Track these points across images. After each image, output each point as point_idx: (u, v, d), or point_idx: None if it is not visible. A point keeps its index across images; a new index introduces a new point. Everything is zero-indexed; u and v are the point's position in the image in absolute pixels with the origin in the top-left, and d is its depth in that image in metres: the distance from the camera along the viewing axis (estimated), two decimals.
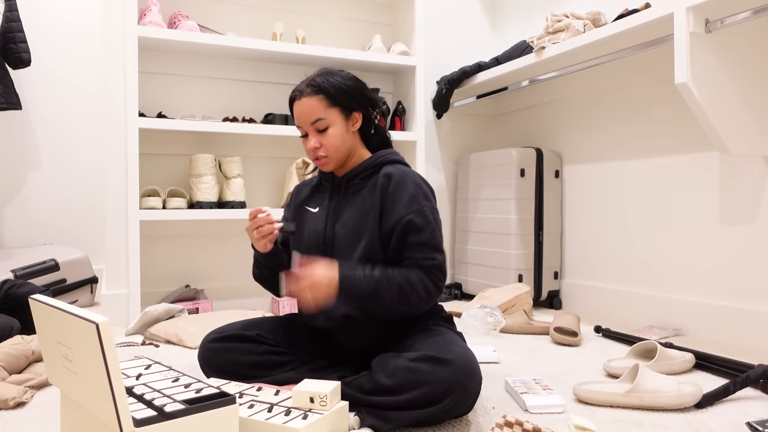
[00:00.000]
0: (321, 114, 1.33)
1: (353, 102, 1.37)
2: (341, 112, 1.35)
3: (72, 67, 3.14)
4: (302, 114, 1.35)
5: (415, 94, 2.77)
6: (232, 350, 1.34)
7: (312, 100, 1.33)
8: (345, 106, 1.35)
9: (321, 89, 1.33)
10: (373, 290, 1.23)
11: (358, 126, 1.40)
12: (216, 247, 2.67)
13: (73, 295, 2.75)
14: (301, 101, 1.35)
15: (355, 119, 1.39)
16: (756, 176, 1.93)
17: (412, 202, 1.29)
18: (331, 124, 1.34)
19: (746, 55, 1.83)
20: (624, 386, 1.39)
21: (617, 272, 2.46)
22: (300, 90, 1.36)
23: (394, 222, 1.29)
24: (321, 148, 1.35)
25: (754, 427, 1.17)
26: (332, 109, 1.34)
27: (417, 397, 1.11)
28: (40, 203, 3.07)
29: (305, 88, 1.35)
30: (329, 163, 1.38)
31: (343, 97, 1.35)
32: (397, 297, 1.24)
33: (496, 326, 2.12)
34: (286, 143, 2.79)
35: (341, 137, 1.35)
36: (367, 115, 1.41)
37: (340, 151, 1.36)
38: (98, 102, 3.19)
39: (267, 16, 2.77)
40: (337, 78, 1.36)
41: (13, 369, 1.53)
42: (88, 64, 3.17)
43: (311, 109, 1.33)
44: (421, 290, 1.25)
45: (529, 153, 2.68)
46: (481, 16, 3.25)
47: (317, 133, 1.35)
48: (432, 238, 1.28)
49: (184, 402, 0.88)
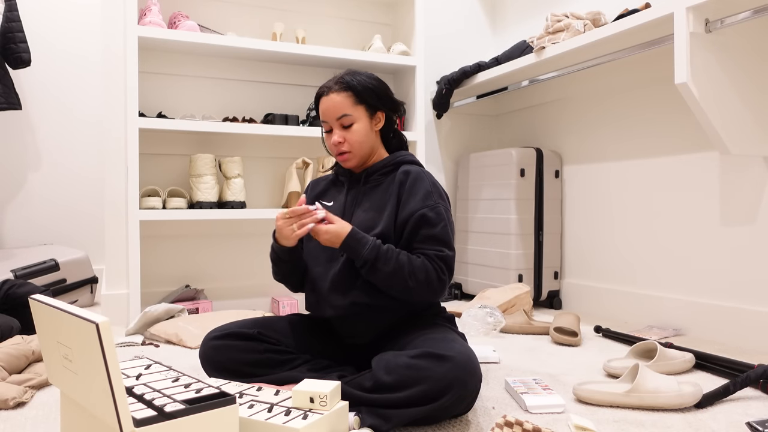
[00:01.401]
0: (348, 110, 1.39)
1: (378, 101, 1.43)
2: (366, 110, 1.41)
3: (72, 67, 3.14)
4: (329, 109, 1.40)
5: (415, 94, 2.77)
6: (233, 348, 1.35)
7: (340, 96, 1.39)
8: (370, 104, 1.42)
9: (349, 86, 1.40)
10: (374, 257, 1.28)
11: (380, 125, 1.46)
12: (216, 247, 2.67)
13: (73, 295, 2.75)
14: (328, 97, 1.40)
15: (379, 119, 1.45)
16: (756, 176, 1.93)
17: (427, 197, 1.35)
18: (356, 121, 1.40)
19: (746, 55, 1.83)
20: (624, 386, 1.39)
21: (617, 272, 2.46)
22: (328, 86, 1.42)
23: (408, 214, 1.34)
24: (344, 143, 1.41)
25: (754, 427, 1.17)
26: (358, 106, 1.40)
27: (417, 393, 1.12)
28: (40, 203, 3.07)
29: (333, 84, 1.41)
30: (351, 159, 1.43)
31: (370, 96, 1.41)
32: (395, 272, 1.28)
33: (496, 326, 2.12)
34: (286, 143, 2.79)
35: (365, 134, 1.41)
36: (389, 116, 1.47)
37: (362, 148, 1.42)
38: (98, 102, 3.19)
39: (267, 16, 2.77)
40: (364, 77, 1.42)
41: (13, 369, 1.53)
42: (88, 64, 3.17)
43: (338, 105, 1.39)
44: (421, 275, 1.29)
45: (529, 153, 2.68)
46: (481, 16, 3.25)
47: (342, 129, 1.41)
48: (443, 234, 1.33)
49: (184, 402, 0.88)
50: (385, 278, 1.30)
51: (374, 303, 1.36)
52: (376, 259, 1.29)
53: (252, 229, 2.73)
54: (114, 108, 2.35)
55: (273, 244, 1.41)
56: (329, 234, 1.29)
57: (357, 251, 1.29)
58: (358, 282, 1.36)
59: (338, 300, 1.38)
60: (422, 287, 1.30)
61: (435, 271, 1.31)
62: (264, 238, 2.76)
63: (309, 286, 1.46)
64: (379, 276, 1.30)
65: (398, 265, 1.29)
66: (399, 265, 1.29)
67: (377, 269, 1.29)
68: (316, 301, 1.44)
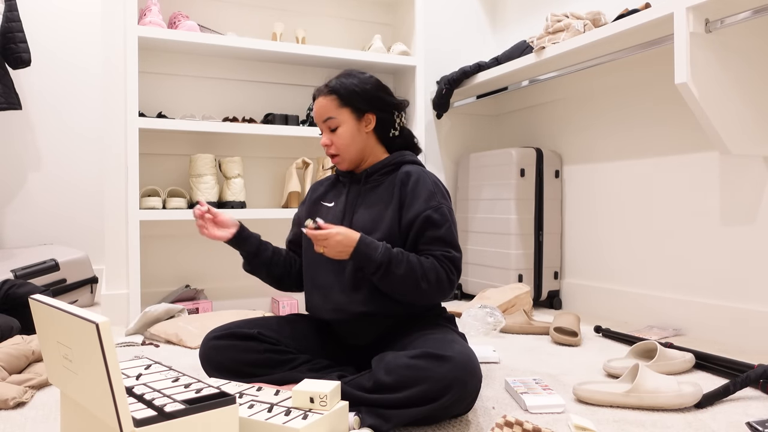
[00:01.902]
0: (332, 113, 1.41)
1: (365, 104, 1.42)
2: (352, 112, 1.42)
3: (72, 67, 3.14)
4: (316, 112, 1.44)
5: (415, 94, 2.77)
6: (233, 348, 1.35)
7: (326, 99, 1.42)
8: (356, 107, 1.42)
9: (333, 90, 1.42)
10: (387, 260, 1.26)
11: (371, 127, 1.45)
12: (216, 247, 2.67)
13: (73, 295, 2.75)
14: (317, 100, 1.44)
15: (369, 120, 1.44)
16: (756, 176, 1.93)
17: (430, 198, 1.36)
18: (341, 124, 1.42)
19: (746, 55, 1.83)
20: (624, 386, 1.39)
21: (617, 272, 2.46)
22: (319, 90, 1.45)
23: (413, 217, 1.34)
24: (332, 146, 1.44)
25: (754, 427, 1.17)
26: (343, 109, 1.41)
27: (417, 393, 1.11)
28: (40, 203, 3.07)
29: (323, 88, 1.44)
30: (342, 162, 1.45)
31: (355, 99, 1.41)
32: (408, 275, 1.27)
33: (496, 326, 2.12)
34: (286, 143, 2.79)
35: (350, 137, 1.42)
36: (381, 117, 1.46)
37: (349, 150, 1.43)
38: (98, 102, 3.19)
39: (267, 16, 2.78)
40: (353, 80, 1.43)
41: (13, 369, 1.53)
42: (88, 64, 3.17)
43: (323, 108, 1.43)
44: (432, 276, 1.29)
45: (529, 153, 2.68)
46: (481, 16, 3.25)
47: (329, 132, 1.44)
48: (449, 234, 1.34)
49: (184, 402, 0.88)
50: (398, 282, 1.28)
51: (376, 307, 1.35)
52: (389, 263, 1.26)
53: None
54: (114, 108, 2.35)
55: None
56: (339, 245, 1.25)
57: (369, 257, 1.26)
58: (360, 285, 1.36)
59: (340, 303, 1.38)
60: (433, 289, 1.30)
61: (445, 272, 1.31)
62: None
63: (309, 288, 1.47)
64: (393, 280, 1.27)
65: (410, 267, 1.28)
66: (411, 267, 1.28)
67: (390, 272, 1.27)
68: (316, 304, 1.44)
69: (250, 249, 1.46)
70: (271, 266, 1.49)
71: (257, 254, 1.47)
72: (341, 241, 1.25)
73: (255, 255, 1.46)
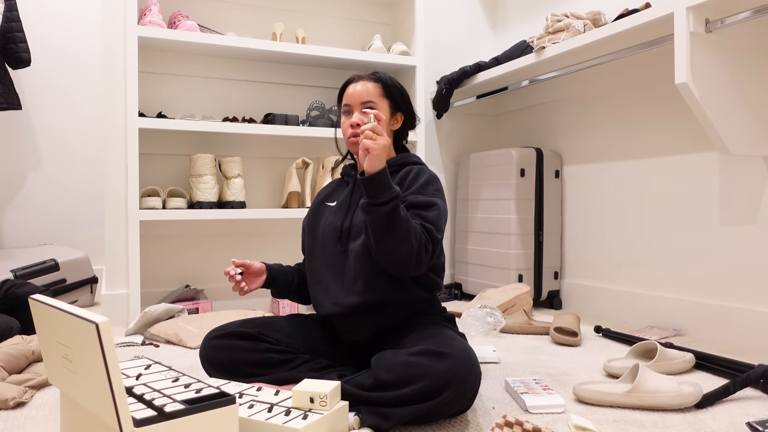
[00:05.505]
0: (374, 99, 1.45)
1: (402, 102, 1.50)
2: (390, 106, 1.48)
3: (72, 66, 3.14)
4: (357, 92, 1.45)
5: (415, 94, 2.77)
6: (233, 347, 1.35)
7: (371, 84, 1.46)
8: (395, 103, 1.49)
9: (380, 79, 1.47)
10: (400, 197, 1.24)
11: (397, 126, 1.52)
12: (216, 247, 2.67)
13: (73, 295, 2.75)
14: (359, 83, 1.47)
15: (397, 119, 1.51)
16: (756, 176, 1.93)
17: (426, 186, 1.40)
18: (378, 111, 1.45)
19: (746, 55, 1.83)
20: (624, 386, 1.39)
21: (617, 272, 2.46)
22: (360, 76, 1.49)
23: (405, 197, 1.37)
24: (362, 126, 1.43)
25: (754, 427, 1.17)
26: (385, 99, 1.47)
27: (417, 390, 1.12)
28: (40, 203, 3.07)
29: (368, 74, 1.49)
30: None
31: (396, 95, 1.48)
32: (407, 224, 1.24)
33: (496, 326, 2.12)
34: (286, 143, 2.79)
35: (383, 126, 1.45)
36: (406, 122, 1.53)
37: None
38: (98, 102, 3.19)
39: (267, 16, 2.77)
40: (394, 80, 1.51)
41: (13, 369, 1.53)
42: (88, 64, 3.17)
43: (367, 91, 1.45)
44: (422, 237, 1.28)
45: (529, 153, 2.68)
46: (482, 16, 3.25)
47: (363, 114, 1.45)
48: (436, 219, 1.35)
49: (184, 402, 0.88)
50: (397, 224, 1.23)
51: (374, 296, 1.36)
52: (400, 201, 1.25)
53: (252, 229, 2.74)
54: (114, 108, 2.35)
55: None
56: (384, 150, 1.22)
57: (391, 184, 1.24)
58: (362, 278, 1.37)
59: (338, 295, 1.39)
60: (418, 251, 1.27)
61: (425, 241, 1.29)
62: (264, 237, 2.76)
63: (312, 283, 1.48)
64: (394, 218, 1.23)
65: (408, 218, 1.26)
66: (409, 218, 1.26)
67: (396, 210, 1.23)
68: (319, 299, 1.45)
69: (281, 286, 1.54)
70: (300, 289, 1.58)
71: (287, 288, 1.55)
72: (386, 147, 1.23)
73: (285, 290, 1.55)
